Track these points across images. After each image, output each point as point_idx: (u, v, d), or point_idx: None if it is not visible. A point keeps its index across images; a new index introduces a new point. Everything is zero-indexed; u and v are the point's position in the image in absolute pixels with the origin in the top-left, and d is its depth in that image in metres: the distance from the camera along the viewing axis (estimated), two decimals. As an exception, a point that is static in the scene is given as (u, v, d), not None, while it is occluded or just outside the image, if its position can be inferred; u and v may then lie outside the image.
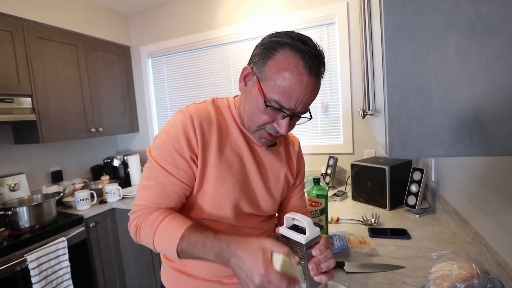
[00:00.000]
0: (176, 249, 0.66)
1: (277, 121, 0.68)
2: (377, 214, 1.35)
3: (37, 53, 1.91)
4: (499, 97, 0.35)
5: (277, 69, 0.62)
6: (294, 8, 2.09)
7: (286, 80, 0.61)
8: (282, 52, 0.62)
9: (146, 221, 0.71)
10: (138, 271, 2.12)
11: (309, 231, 0.60)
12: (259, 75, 0.66)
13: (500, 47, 0.34)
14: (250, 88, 0.69)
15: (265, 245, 0.60)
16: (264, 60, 0.64)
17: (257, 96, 0.66)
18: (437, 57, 0.36)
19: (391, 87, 0.38)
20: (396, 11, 0.36)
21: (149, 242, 0.70)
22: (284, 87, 0.62)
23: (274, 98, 0.63)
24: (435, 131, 0.37)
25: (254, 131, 0.73)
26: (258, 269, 0.55)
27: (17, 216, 1.61)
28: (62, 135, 2.07)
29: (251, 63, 0.69)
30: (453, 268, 0.79)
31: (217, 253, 0.63)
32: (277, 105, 0.64)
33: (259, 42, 0.69)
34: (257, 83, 0.66)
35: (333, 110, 2.08)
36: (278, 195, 0.86)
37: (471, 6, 0.34)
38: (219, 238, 0.64)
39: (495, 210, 0.84)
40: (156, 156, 0.72)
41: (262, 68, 0.65)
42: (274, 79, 0.62)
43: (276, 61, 0.62)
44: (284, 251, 0.58)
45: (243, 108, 0.73)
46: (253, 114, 0.69)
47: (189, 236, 0.65)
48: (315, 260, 0.60)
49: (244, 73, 0.70)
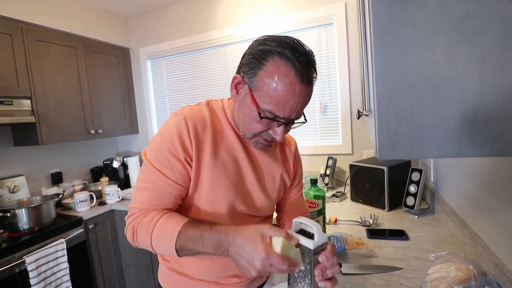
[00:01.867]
0: (174, 247, 0.65)
1: (273, 129, 0.68)
2: (376, 215, 1.34)
3: (36, 55, 1.92)
4: (488, 97, 0.35)
5: (269, 79, 0.61)
6: (293, 9, 2.09)
7: (278, 91, 0.61)
8: (272, 61, 0.61)
9: (142, 223, 0.70)
10: (137, 272, 2.12)
11: (318, 237, 0.60)
12: (250, 85, 0.65)
13: (489, 46, 0.34)
14: (242, 96, 0.69)
15: (263, 230, 0.60)
16: (254, 70, 0.64)
17: (251, 106, 0.66)
18: (426, 57, 0.36)
19: (380, 88, 0.37)
20: (383, 11, 0.36)
21: (147, 243, 0.70)
22: (278, 97, 0.61)
23: (268, 108, 0.63)
24: (424, 132, 0.36)
25: (249, 138, 0.73)
26: (259, 253, 0.55)
27: (16, 218, 1.62)
28: (61, 137, 2.07)
29: (241, 72, 0.68)
30: (450, 269, 0.78)
31: (215, 244, 0.62)
32: (271, 115, 0.64)
33: (246, 50, 0.68)
34: (250, 93, 0.65)
35: (332, 110, 2.07)
36: (274, 195, 0.85)
37: (459, 6, 0.34)
38: (216, 229, 0.64)
39: (493, 211, 0.83)
40: (151, 159, 0.72)
41: (253, 78, 0.64)
42: (266, 90, 0.62)
43: (266, 71, 0.62)
44: (283, 234, 0.58)
45: (237, 116, 0.73)
46: (248, 123, 0.69)
47: (186, 231, 0.65)
48: (321, 266, 0.60)
49: (235, 81, 0.69)
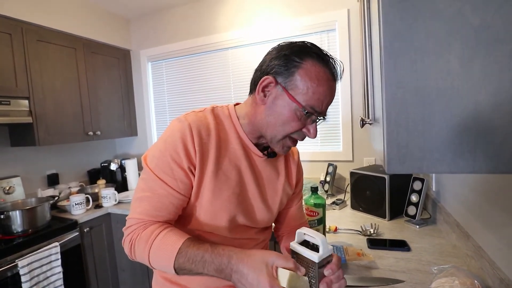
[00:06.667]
0: (173, 266, 0.63)
1: (307, 126, 0.69)
2: (377, 224, 1.32)
3: (35, 55, 1.90)
4: (505, 109, 0.33)
5: (309, 77, 0.64)
6: (295, 14, 2.08)
7: (320, 87, 0.64)
8: (308, 61, 0.65)
9: (140, 236, 0.68)
10: (132, 277, 2.08)
11: (323, 249, 0.58)
12: (286, 85, 0.66)
13: (507, 57, 0.32)
14: (272, 98, 0.68)
15: (268, 259, 0.58)
16: (290, 70, 0.65)
17: (286, 105, 0.66)
18: (439, 67, 0.34)
19: (389, 98, 0.35)
20: (395, 18, 0.34)
21: (145, 258, 0.67)
22: (320, 93, 0.65)
23: (310, 104, 0.65)
24: (436, 146, 0.34)
25: (279, 140, 0.71)
26: (263, 286, 0.53)
27: (9, 220, 1.58)
28: (59, 138, 2.05)
29: (273, 73, 0.67)
30: (454, 284, 0.76)
31: (217, 268, 0.61)
32: (313, 110, 0.66)
33: (275, 51, 0.69)
34: (286, 92, 0.66)
35: (332, 116, 2.06)
36: (275, 207, 0.83)
37: (475, 14, 0.32)
38: (218, 252, 0.62)
39: (498, 224, 0.81)
40: (153, 167, 0.70)
41: (289, 78, 0.65)
42: (307, 87, 0.64)
43: (305, 70, 0.64)
44: (290, 265, 0.56)
45: (262, 119, 0.71)
46: (283, 123, 0.68)
47: (186, 251, 0.63)
48: (327, 280, 0.58)
49: (264, 83, 0.68)
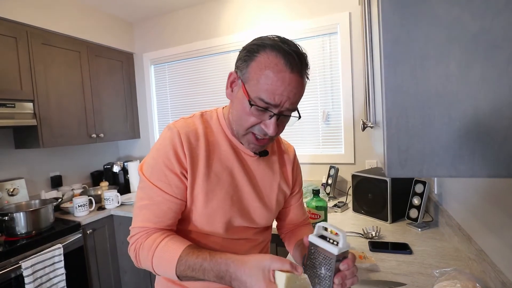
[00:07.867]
0: (175, 273, 0.65)
1: (264, 121, 0.67)
2: (378, 227, 1.31)
3: (40, 58, 1.92)
4: (504, 114, 0.33)
5: (259, 68, 0.63)
6: (296, 17, 2.09)
7: (269, 78, 0.62)
8: (263, 53, 0.64)
9: (143, 246, 0.70)
10: (135, 279, 2.09)
11: (343, 243, 0.58)
12: (243, 78, 0.67)
13: (505, 62, 0.32)
14: (236, 93, 0.70)
15: (264, 263, 0.58)
16: (246, 63, 0.66)
17: (243, 98, 0.67)
18: (438, 72, 0.34)
19: (389, 103, 0.36)
20: (395, 24, 0.35)
21: (149, 267, 0.70)
22: (268, 84, 0.62)
23: (259, 96, 0.64)
24: (435, 150, 0.35)
25: (242, 135, 0.72)
26: None
27: (13, 221, 1.60)
28: (62, 140, 2.06)
29: (236, 68, 0.70)
30: (456, 287, 0.76)
31: (217, 276, 0.62)
32: (262, 103, 0.64)
33: (242, 47, 0.70)
34: (242, 85, 0.67)
35: (334, 119, 2.06)
36: (273, 205, 0.84)
37: (474, 20, 0.32)
38: (216, 260, 0.63)
39: (501, 227, 0.81)
40: (148, 175, 0.72)
41: (245, 70, 0.66)
42: (257, 79, 0.64)
43: (258, 62, 0.64)
44: (287, 267, 0.56)
45: (231, 114, 0.74)
46: (240, 117, 0.69)
47: (186, 259, 0.65)
48: (342, 275, 0.58)
49: (230, 79, 0.71)
